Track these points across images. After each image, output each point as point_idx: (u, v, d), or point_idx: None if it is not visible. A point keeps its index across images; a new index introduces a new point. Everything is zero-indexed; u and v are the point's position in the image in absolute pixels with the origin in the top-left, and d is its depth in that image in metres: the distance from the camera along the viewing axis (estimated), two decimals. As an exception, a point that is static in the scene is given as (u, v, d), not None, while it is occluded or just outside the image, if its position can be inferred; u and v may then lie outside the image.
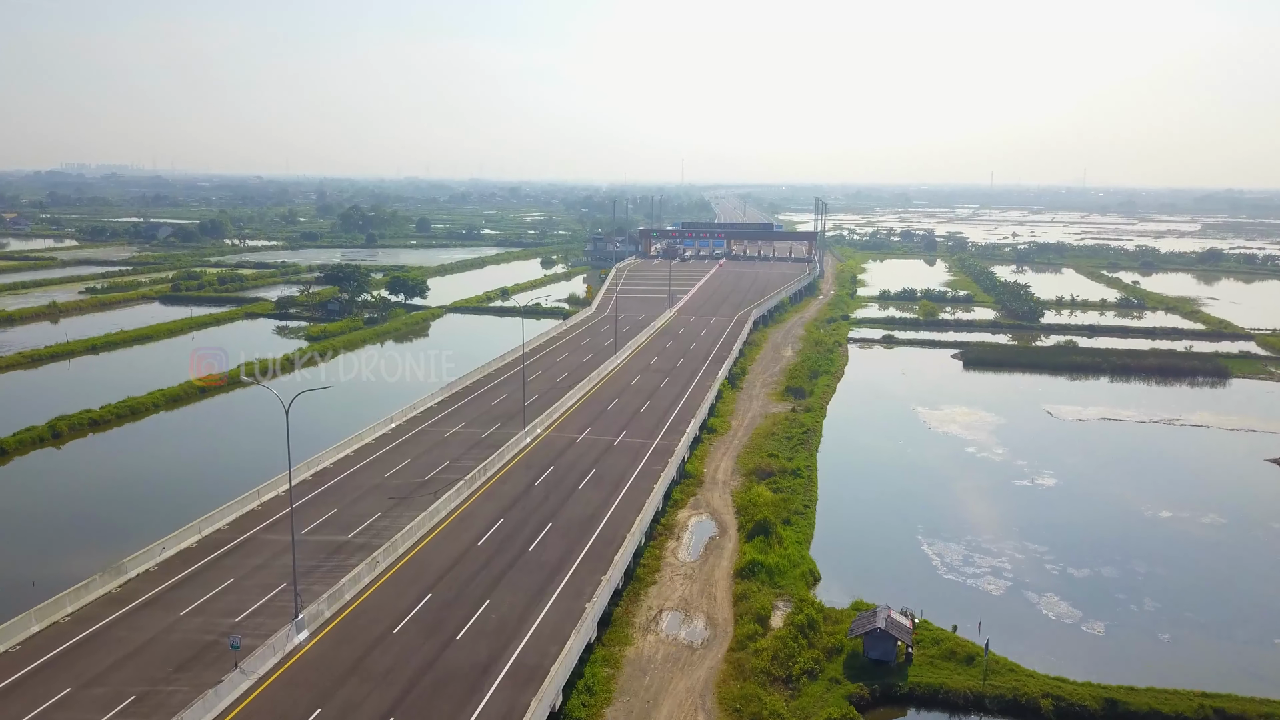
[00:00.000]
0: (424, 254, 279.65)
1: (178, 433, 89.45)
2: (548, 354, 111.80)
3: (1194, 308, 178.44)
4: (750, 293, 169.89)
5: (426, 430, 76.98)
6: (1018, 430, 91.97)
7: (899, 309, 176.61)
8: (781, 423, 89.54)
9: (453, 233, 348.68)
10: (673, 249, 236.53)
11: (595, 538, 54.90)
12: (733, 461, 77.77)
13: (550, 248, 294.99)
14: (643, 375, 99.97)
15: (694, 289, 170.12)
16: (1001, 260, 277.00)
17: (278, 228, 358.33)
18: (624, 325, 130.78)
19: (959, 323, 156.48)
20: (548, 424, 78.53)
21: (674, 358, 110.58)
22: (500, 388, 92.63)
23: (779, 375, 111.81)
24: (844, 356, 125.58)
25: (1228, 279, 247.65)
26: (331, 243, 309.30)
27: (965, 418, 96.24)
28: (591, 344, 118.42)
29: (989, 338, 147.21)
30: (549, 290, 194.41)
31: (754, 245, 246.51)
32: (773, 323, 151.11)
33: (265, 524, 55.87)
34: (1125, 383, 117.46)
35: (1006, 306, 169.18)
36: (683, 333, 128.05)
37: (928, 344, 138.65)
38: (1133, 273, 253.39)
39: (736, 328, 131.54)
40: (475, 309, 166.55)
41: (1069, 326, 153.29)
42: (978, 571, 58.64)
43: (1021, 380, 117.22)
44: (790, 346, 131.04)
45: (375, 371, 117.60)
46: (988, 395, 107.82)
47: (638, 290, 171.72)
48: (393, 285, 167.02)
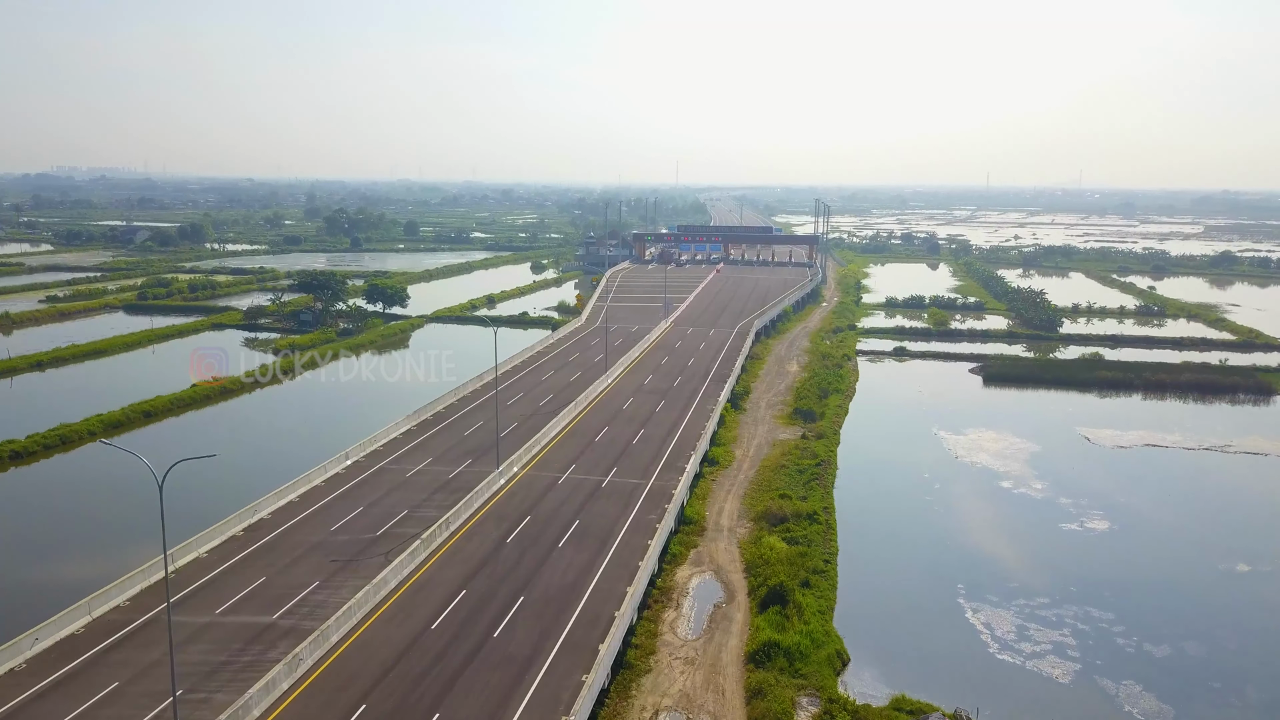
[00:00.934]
0: (411, 258, 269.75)
1: (108, 467, 79.36)
2: (531, 372, 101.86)
3: (1217, 315, 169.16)
4: (751, 300, 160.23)
5: (387, 469, 67.00)
6: (1054, 459, 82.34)
7: (907, 317, 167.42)
8: (792, 452, 79.82)
9: (441, 236, 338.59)
10: (668, 253, 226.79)
11: (576, 617, 45.04)
12: (739, 502, 68.00)
13: (541, 251, 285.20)
14: (636, 397, 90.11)
15: (691, 297, 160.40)
16: (1007, 264, 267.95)
17: (262, 231, 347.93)
18: (616, 338, 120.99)
19: (973, 333, 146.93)
20: (526, 460, 68.59)
21: (671, 376, 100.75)
22: (476, 413, 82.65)
23: (785, 394, 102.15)
24: (854, 372, 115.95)
25: (1242, 283, 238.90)
26: (316, 247, 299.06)
27: (994, 444, 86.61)
28: (580, 360, 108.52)
29: (1006, 349, 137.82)
30: (538, 298, 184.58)
31: (752, 249, 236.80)
32: (775, 333, 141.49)
33: (176, 598, 45.94)
34: (1160, 400, 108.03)
35: (1022, 315, 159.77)
36: (680, 346, 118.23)
37: (942, 356, 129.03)
38: (1144, 276, 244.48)
39: (738, 340, 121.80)
40: (458, 319, 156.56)
41: (1090, 337, 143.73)
42: (1037, 649, 48.90)
43: (1048, 398, 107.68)
44: (795, 360, 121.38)
45: (353, 385, 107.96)
46: (1014, 416, 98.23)
47: (631, 298, 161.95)
48: (370, 293, 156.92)
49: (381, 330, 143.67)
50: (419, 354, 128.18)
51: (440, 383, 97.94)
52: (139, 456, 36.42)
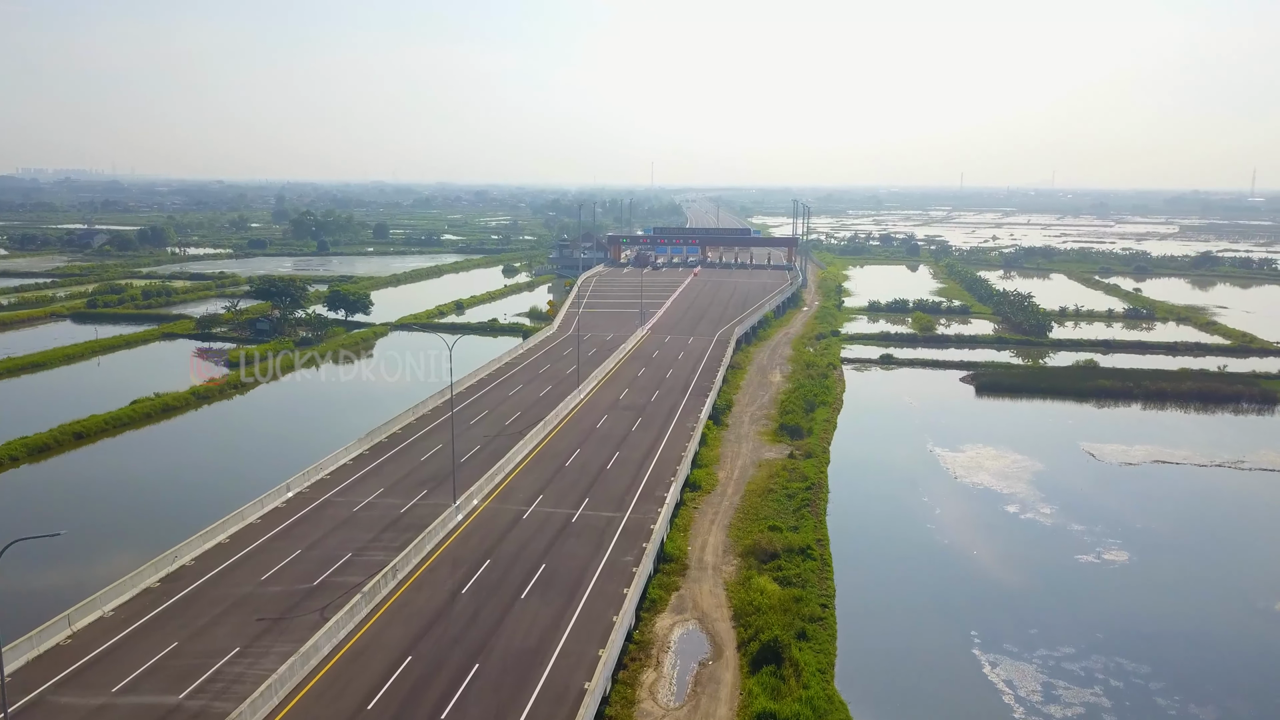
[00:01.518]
0: (379, 262, 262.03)
1: (23, 500, 72.00)
2: (498, 386, 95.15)
3: (1206, 318, 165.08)
4: (730, 306, 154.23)
5: (332, 502, 60.10)
6: (1059, 479, 76.74)
7: (890, 321, 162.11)
8: (779, 474, 73.69)
9: (412, 239, 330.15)
10: (644, 256, 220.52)
11: (539, 691, 38.56)
12: (724, 534, 61.75)
13: (514, 254, 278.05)
14: (611, 415, 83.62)
15: (668, 302, 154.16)
16: (988, 265, 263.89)
17: (227, 235, 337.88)
18: (589, 347, 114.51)
19: (960, 338, 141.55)
20: (488, 491, 61.91)
21: (648, 389, 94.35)
22: (436, 434, 75.83)
23: (769, 407, 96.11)
24: (840, 381, 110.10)
25: (1224, 284, 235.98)
26: (281, 251, 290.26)
27: (994, 462, 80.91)
28: (551, 372, 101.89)
29: (995, 355, 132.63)
30: (509, 303, 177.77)
31: (730, 252, 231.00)
32: (756, 340, 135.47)
33: (69, 669, 39.04)
34: (1160, 409, 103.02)
35: (1010, 319, 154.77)
36: (657, 356, 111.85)
37: (930, 364, 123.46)
38: (1126, 278, 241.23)
39: (718, 349, 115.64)
40: (425, 325, 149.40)
41: (1081, 342, 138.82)
42: (1069, 713, 42.94)
43: (1044, 409, 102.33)
44: (778, 369, 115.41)
45: (309, 400, 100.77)
46: (1012, 430, 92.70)
47: (606, 303, 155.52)
48: (332, 300, 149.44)
49: (343, 339, 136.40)
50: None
51: (403, 397, 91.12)
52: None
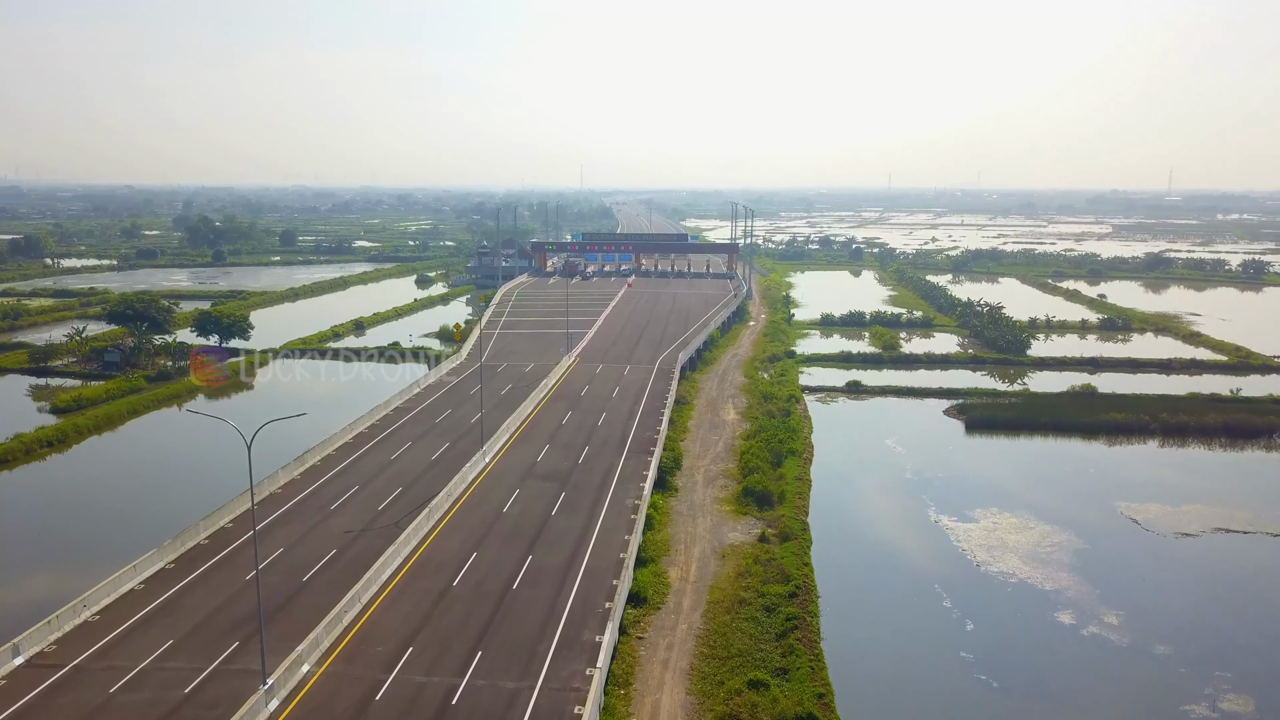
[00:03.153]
0: (283, 273, 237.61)
1: None
2: (377, 446, 74.09)
3: (1185, 328, 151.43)
4: (670, 322, 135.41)
5: (85, 671, 39.04)
6: (1107, 562, 59.37)
7: (846, 336, 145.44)
8: (751, 570, 54.85)
9: (321, 247, 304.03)
10: (572, 265, 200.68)
11: None
12: (682, 689, 42.46)
13: (431, 262, 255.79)
14: (524, 490, 63.52)
15: (600, 320, 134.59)
16: (934, 269, 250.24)
17: (118, 244, 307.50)
18: (504, 381, 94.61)
19: (931, 358, 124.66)
20: (328, 646, 41.29)
21: (575, 444, 74.51)
22: (275, 532, 54.91)
23: (726, 458, 77.44)
24: (805, 419, 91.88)
25: (1179, 287, 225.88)
26: (174, 261, 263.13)
27: (1018, 536, 63.28)
28: (452, 421, 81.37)
29: (972, 376, 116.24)
30: (419, 320, 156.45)
31: (666, 259, 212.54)
32: (702, 364, 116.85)
33: None
34: (1181, 447, 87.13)
35: (980, 334, 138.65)
36: (587, 394, 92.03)
37: (905, 392, 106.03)
38: (1079, 281, 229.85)
39: (660, 382, 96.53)
40: (316, 351, 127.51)
41: (1066, 360, 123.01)
42: None
43: (1050, 452, 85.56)
44: (731, 403, 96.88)
45: (132, 465, 78.29)
46: (1023, 484, 75.42)
47: (528, 322, 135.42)
48: (201, 324, 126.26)
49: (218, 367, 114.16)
50: (242, 408, 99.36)
51: (261, 456, 69.94)
52: None
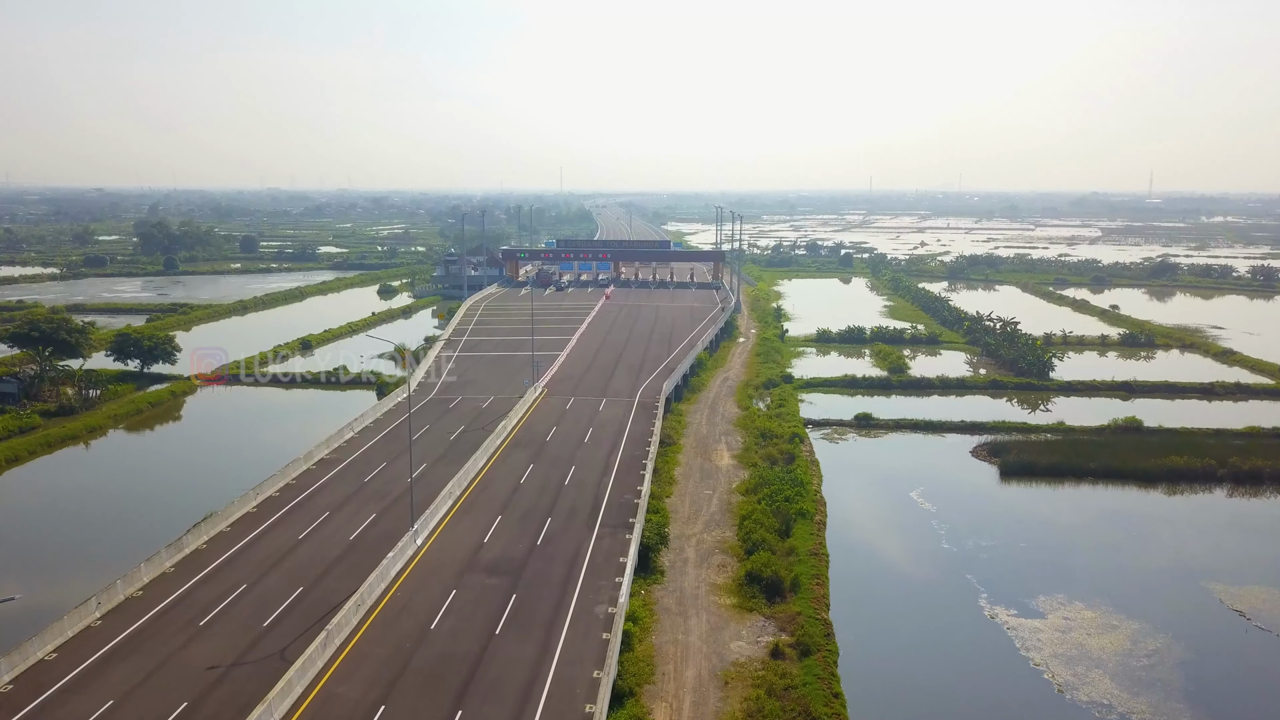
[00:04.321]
0: (239, 282, 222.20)
1: None
2: (282, 521, 58.79)
3: (1212, 343, 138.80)
4: (653, 341, 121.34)
5: None
6: (1226, 683, 45.92)
7: (845, 354, 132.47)
8: (765, 709, 40.81)
9: (284, 253, 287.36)
10: (546, 275, 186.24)
11: None
12: None
13: (398, 270, 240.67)
14: (459, 596, 47.98)
15: (573, 340, 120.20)
16: (928, 276, 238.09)
17: (70, 250, 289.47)
18: (454, 424, 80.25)
19: (945, 382, 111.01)
20: None
21: (533, 515, 59.82)
22: (99, 684, 40.39)
23: (722, 519, 63.56)
24: (812, 465, 77.98)
25: (1186, 294, 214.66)
26: (124, 269, 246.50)
27: (1100, 641, 49.53)
28: (383, 481, 66.26)
29: (992, 405, 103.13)
30: (378, 335, 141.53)
31: (648, 267, 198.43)
32: (688, 390, 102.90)
33: None
34: (1255, 496, 74.31)
35: (994, 353, 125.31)
36: (554, 438, 77.42)
37: (922, 426, 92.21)
38: (1080, 288, 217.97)
39: (642, 420, 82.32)
40: (251, 376, 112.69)
41: (1097, 385, 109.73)
42: None
43: (1106, 506, 72.20)
44: (725, 443, 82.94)
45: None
46: (1089, 555, 61.89)
47: (492, 341, 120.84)
48: (119, 347, 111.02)
49: (129, 401, 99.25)
50: (157, 450, 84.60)
51: (159, 516, 55.42)
52: None
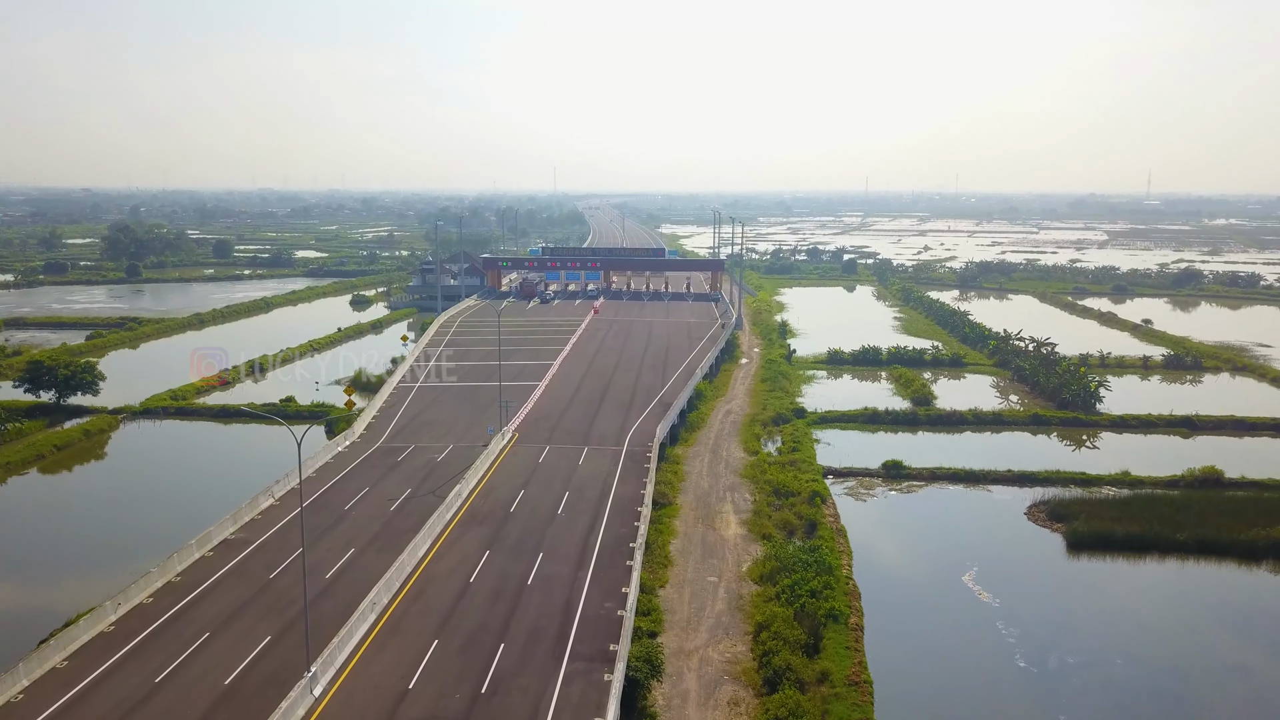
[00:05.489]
0: (205, 290, 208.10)
1: None
2: (146, 646, 44.17)
3: (1267, 366, 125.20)
4: (646, 367, 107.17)
5: None
6: None
7: (859, 376, 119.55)
8: None
9: (258, 259, 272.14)
10: (530, 285, 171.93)
11: None
12: None
13: (377, 277, 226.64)
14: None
15: (554, 365, 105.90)
16: (938, 284, 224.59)
17: (32, 254, 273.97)
18: (398, 487, 65.76)
19: (978, 416, 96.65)
20: None
21: (482, 639, 44.86)
22: None
23: (731, 624, 49.69)
24: (839, 537, 63.80)
25: (1213, 304, 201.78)
26: (85, 276, 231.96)
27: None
28: (290, 581, 50.15)
29: (1033, 444, 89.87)
30: (341, 354, 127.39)
31: (640, 276, 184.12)
32: (686, 428, 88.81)
33: None
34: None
35: (1032, 381, 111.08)
36: (519, 508, 62.55)
37: (961, 478, 77.81)
38: (1100, 298, 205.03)
39: (630, 478, 67.87)
40: (187, 410, 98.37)
41: (1150, 420, 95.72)
42: None
43: (1209, 595, 58.43)
44: (732, 503, 68.88)
45: None
46: (1208, 676, 47.98)
47: (464, 368, 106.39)
48: (32, 375, 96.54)
49: (30, 445, 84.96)
50: (33, 518, 70.02)
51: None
52: None
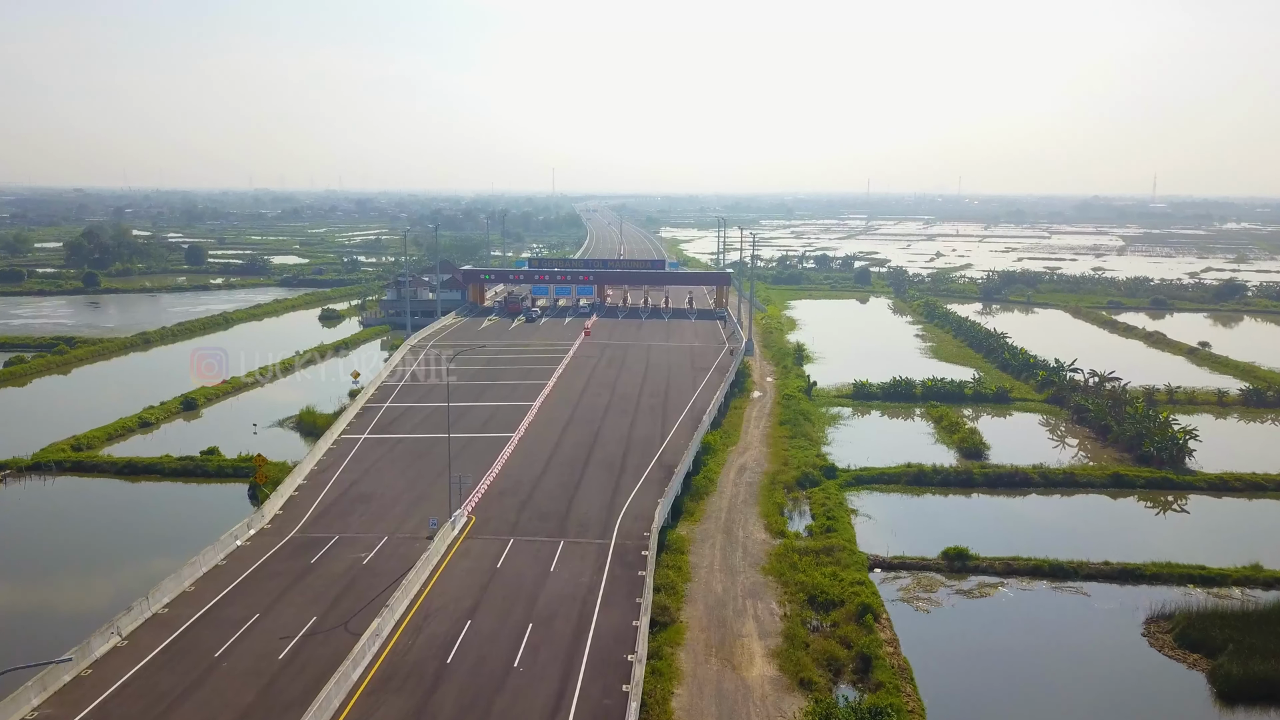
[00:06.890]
0: (168, 301, 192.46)
1: None
2: None
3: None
4: (642, 410, 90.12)
5: None
6: None
7: (890, 413, 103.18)
8: None
9: (231, 267, 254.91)
10: (515, 301, 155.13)
11: None
12: None
13: (355, 287, 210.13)
14: None
15: (532, 410, 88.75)
16: (959, 297, 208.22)
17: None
18: (298, 616, 48.65)
19: (1046, 476, 79.53)
20: None
21: None
22: None
23: None
24: (899, 675, 47.00)
25: (1260, 320, 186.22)
26: (41, 285, 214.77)
27: None
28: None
29: (1115, 511, 73.25)
30: (298, 384, 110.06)
31: (638, 290, 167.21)
32: (692, 498, 71.64)
33: None
34: None
35: (1097, 425, 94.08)
36: (456, 661, 44.38)
37: (1045, 573, 60.68)
38: (1139, 313, 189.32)
39: (617, 600, 50.57)
40: (86, 465, 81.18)
41: (1255, 482, 78.83)
42: None
43: None
44: (754, 622, 52.02)
45: None
46: None
47: (421, 412, 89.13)
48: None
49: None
50: None
51: None
52: None
